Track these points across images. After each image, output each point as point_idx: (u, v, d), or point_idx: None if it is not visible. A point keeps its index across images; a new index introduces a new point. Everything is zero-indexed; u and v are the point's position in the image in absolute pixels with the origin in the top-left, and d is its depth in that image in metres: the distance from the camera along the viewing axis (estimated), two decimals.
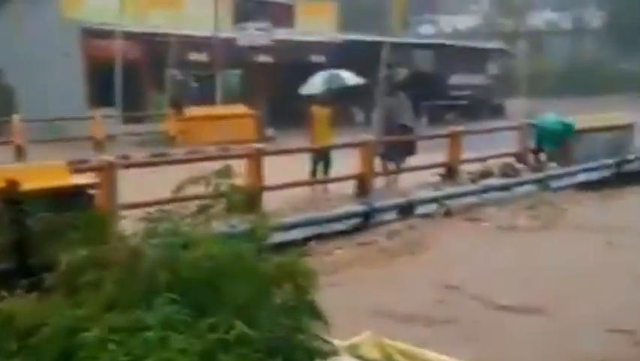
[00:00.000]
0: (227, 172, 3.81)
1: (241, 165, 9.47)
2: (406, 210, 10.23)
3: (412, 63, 31.16)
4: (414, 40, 35.09)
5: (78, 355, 3.13)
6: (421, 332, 5.55)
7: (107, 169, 8.23)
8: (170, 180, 4.09)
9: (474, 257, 8.26)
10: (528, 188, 12.21)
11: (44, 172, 6.66)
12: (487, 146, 13.78)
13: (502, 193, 11.68)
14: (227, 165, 3.89)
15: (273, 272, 3.54)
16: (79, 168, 8.07)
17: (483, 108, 32.94)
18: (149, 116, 24.78)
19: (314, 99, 13.66)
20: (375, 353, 4.24)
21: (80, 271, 3.54)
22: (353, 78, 15.27)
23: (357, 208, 9.95)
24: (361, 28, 31.79)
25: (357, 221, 9.64)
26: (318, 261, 6.47)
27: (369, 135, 12.13)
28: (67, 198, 6.06)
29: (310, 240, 8.54)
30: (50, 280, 3.61)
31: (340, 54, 26.06)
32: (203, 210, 3.74)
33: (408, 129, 13.26)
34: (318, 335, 3.52)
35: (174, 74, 25.09)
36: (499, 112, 33.15)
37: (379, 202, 10.18)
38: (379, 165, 12.61)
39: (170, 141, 20.92)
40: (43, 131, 20.05)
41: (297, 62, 25.66)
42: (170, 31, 23.58)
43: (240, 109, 22.63)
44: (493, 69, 37.70)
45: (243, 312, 3.27)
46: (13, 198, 5.83)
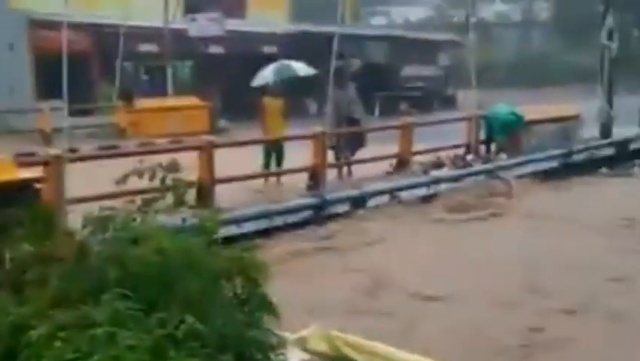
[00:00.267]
0: (174, 166, 3.77)
1: (193, 157, 9.40)
2: (359, 203, 10.29)
3: (365, 54, 31.33)
4: (366, 32, 35.24)
5: (24, 353, 3.07)
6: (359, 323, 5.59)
7: (54, 163, 8.04)
8: (119, 174, 4.02)
9: (416, 249, 8.37)
10: (478, 178, 12.37)
11: None
12: (438, 137, 13.90)
13: (452, 184, 11.83)
14: (173, 159, 3.84)
15: (223, 266, 3.52)
16: (25, 162, 7.89)
17: (435, 99, 33.30)
18: (98, 109, 24.32)
19: (266, 90, 13.60)
20: (323, 346, 4.27)
21: (26, 267, 3.49)
22: (304, 69, 15.19)
23: (309, 201, 9.96)
24: (313, 19, 31.77)
25: (309, 213, 9.65)
26: (267, 254, 6.44)
27: (321, 127, 12.15)
28: (13, 193, 5.91)
29: (262, 233, 8.53)
30: None
31: (292, 45, 26.03)
32: (147, 204, 3.69)
33: (356, 122, 13.30)
34: (269, 328, 3.52)
35: (124, 66, 24.70)
36: (451, 103, 33.54)
37: (331, 194, 10.21)
38: (333, 157, 12.64)
39: (121, 133, 20.61)
40: None
41: (248, 52, 25.56)
42: (120, 22, 23.20)
43: (192, 101, 22.44)
44: (444, 60, 38.06)
45: (193, 307, 3.23)
46: None
